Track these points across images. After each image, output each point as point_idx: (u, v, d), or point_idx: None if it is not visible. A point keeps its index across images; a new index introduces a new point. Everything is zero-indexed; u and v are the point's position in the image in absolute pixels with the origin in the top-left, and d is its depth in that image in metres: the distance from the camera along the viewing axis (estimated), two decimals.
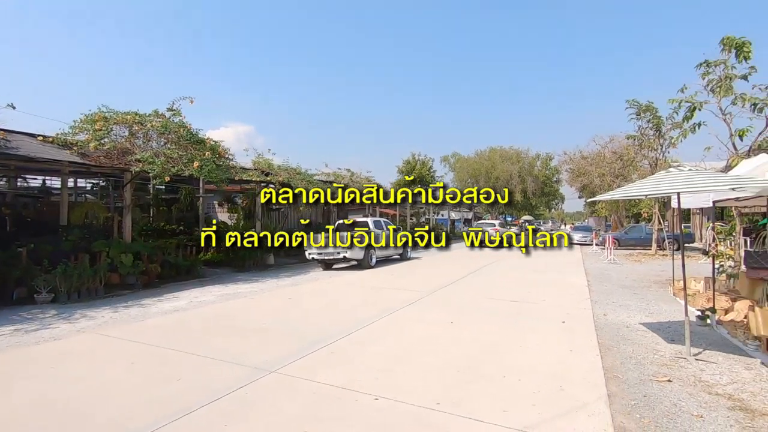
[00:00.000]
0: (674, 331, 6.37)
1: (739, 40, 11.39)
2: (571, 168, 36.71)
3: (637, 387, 4.27)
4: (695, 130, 12.67)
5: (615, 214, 37.94)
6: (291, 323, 6.98)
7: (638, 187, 5.57)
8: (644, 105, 19.79)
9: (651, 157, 21.54)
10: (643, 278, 12.44)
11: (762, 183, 4.69)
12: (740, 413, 3.69)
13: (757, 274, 5.02)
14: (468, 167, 53.35)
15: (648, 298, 9.17)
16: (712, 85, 12.11)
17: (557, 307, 8.10)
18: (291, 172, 15.61)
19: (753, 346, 5.60)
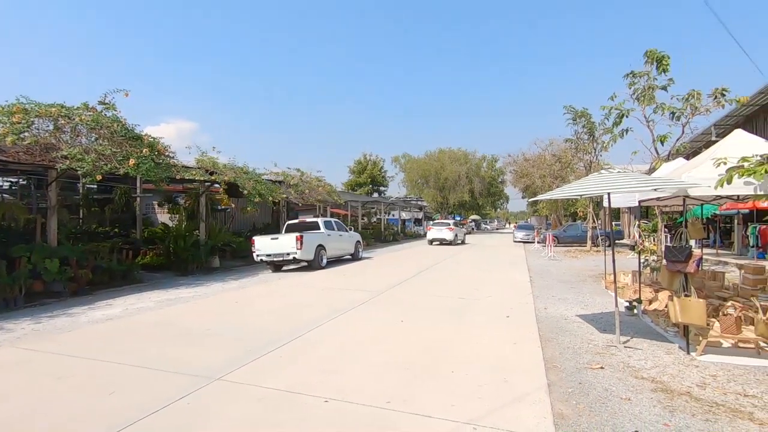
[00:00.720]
0: (606, 321, 6.86)
1: (659, 54, 12.50)
2: (515, 169, 38.53)
3: (574, 375, 4.55)
4: (623, 135, 13.73)
5: (555, 214, 40.26)
6: (237, 327, 6.72)
7: (574, 187, 5.94)
8: (579, 111, 21.15)
9: (586, 160, 23.07)
10: (579, 273, 13.29)
11: (679, 184, 5.17)
12: (662, 394, 4.04)
13: (675, 267, 5.53)
14: (418, 168, 54.37)
15: (584, 292, 9.81)
16: (637, 94, 13.18)
17: (502, 303, 8.45)
18: (237, 171, 15.03)
19: (672, 332, 6.17)
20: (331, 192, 20.78)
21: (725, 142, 5.91)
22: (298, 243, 13.43)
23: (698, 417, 3.58)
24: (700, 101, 12.09)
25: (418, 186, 55.69)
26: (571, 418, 3.56)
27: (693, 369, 4.74)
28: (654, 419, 3.54)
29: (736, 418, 3.56)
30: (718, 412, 3.67)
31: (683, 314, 5.18)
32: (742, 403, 3.86)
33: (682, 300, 5.24)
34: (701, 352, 5.18)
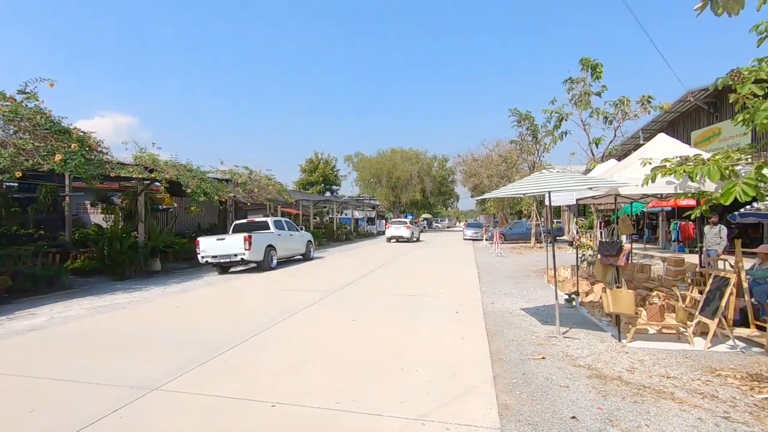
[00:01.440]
0: (548, 313, 7.22)
1: (593, 62, 13.38)
2: (464, 169, 39.72)
3: (518, 366, 4.74)
4: (563, 138, 14.58)
5: (501, 212, 41.96)
6: (179, 334, 6.36)
7: (517, 186, 6.19)
8: (524, 114, 22.19)
9: (530, 161, 24.23)
10: (524, 268, 13.91)
11: (611, 183, 5.55)
12: (596, 380, 4.31)
13: (608, 261, 5.94)
14: (371, 167, 54.50)
15: (527, 286, 10.28)
16: (575, 99, 14.03)
17: (452, 299, 8.65)
18: (180, 168, 14.27)
19: (606, 322, 6.61)
20: (281, 191, 20.28)
21: (650, 144, 6.41)
22: (247, 243, 12.98)
23: (628, 399, 3.84)
24: (629, 107, 13.09)
25: (371, 185, 55.83)
26: (515, 408, 3.70)
27: (623, 355, 5.10)
28: (589, 404, 3.76)
29: (660, 399, 3.87)
30: (644, 394, 3.96)
31: (615, 305, 5.56)
32: (665, 385, 4.20)
33: (614, 291, 5.62)
34: (630, 339, 5.58)
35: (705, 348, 5.31)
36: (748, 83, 4.65)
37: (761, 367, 4.67)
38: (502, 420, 3.47)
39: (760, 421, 3.47)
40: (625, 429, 3.32)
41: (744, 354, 5.14)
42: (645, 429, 3.32)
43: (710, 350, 5.26)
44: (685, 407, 3.71)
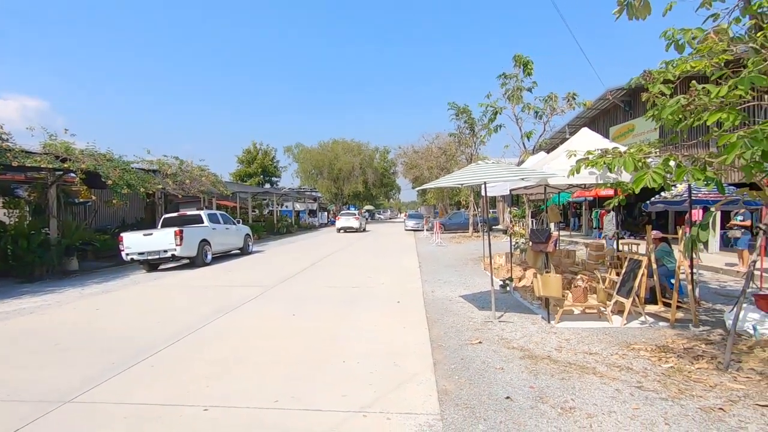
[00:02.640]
0: (484, 299, 7.52)
1: (525, 59, 14.03)
2: (406, 161, 40.24)
3: (457, 352, 4.88)
4: (498, 131, 15.20)
5: (441, 203, 43.16)
6: (99, 339, 5.81)
7: (455, 177, 6.33)
8: (461, 108, 22.85)
9: (467, 153, 25.05)
10: (462, 257, 14.42)
11: (541, 174, 5.86)
12: (528, 361, 4.55)
13: (538, 248, 6.30)
14: (312, 158, 53.50)
15: (466, 274, 10.66)
16: (508, 94, 14.65)
17: (394, 289, 8.74)
18: (99, 158, 12.99)
19: (537, 305, 7.02)
20: (216, 182, 19.23)
21: (575, 138, 6.84)
22: (178, 238, 12.17)
23: (556, 377, 4.10)
24: (556, 103, 13.91)
25: (312, 177, 54.87)
26: (454, 393, 3.79)
27: (552, 335, 5.44)
28: (522, 383, 3.96)
29: (584, 374, 4.17)
30: (570, 371, 4.25)
31: (544, 288, 5.91)
32: (588, 361, 4.53)
33: (543, 276, 5.96)
34: (558, 320, 5.97)
35: (621, 325, 5.81)
36: (657, 83, 5.09)
37: (667, 339, 5.19)
38: (441, 405, 3.54)
39: (667, 387, 3.85)
40: (554, 404, 3.53)
41: (653, 328, 5.70)
42: (571, 403, 3.56)
43: (626, 326, 5.77)
44: (606, 380, 4.02)
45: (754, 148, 3.60)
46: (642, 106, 16.55)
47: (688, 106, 4.36)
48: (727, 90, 4.03)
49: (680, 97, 4.37)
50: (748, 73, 3.97)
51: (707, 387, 3.85)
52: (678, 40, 5.04)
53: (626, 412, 3.40)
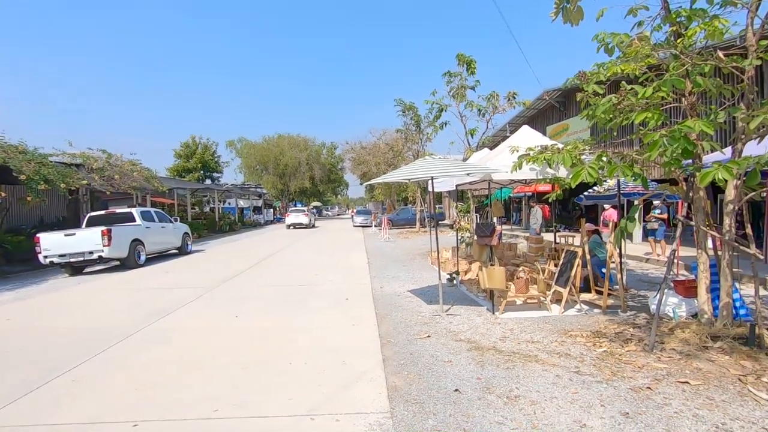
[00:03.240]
0: (432, 293, 7.61)
1: (468, 58, 14.39)
2: (353, 157, 40.03)
3: (406, 347, 4.87)
4: (443, 127, 15.51)
5: (389, 199, 43.50)
6: (10, 352, 5.17)
7: (402, 172, 6.33)
8: (408, 104, 23.08)
9: (414, 149, 25.37)
10: (410, 252, 14.57)
11: (485, 170, 6.00)
12: (475, 352, 4.64)
13: (483, 241, 6.48)
14: (256, 153, 51.65)
15: (413, 269, 10.77)
16: (453, 92, 14.97)
17: (342, 286, 8.61)
18: (9, 150, 11.63)
19: (482, 297, 7.22)
20: (150, 178, 17.94)
21: (517, 135, 7.09)
22: (105, 238, 11.19)
23: (501, 367, 4.21)
24: (498, 101, 14.42)
25: (257, 172, 53.04)
26: (404, 388, 3.77)
27: (497, 326, 5.60)
28: (470, 375, 4.02)
29: (527, 362, 4.32)
30: (515, 360, 4.38)
31: (489, 281, 6.08)
32: (530, 349, 4.71)
33: (488, 269, 6.13)
34: (502, 311, 6.17)
35: (560, 313, 6.12)
36: (591, 83, 5.37)
37: (600, 325, 5.53)
38: (391, 403, 3.50)
39: (601, 370, 4.08)
40: (500, 394, 3.61)
41: (588, 315, 6.05)
42: (516, 391, 3.66)
43: (564, 315, 6.08)
44: (547, 367, 4.19)
45: (673, 145, 3.88)
46: (575, 107, 17.63)
47: (619, 105, 4.63)
48: (652, 91, 4.32)
49: (611, 96, 4.63)
50: (670, 77, 4.28)
51: (636, 368, 4.13)
52: (608, 43, 5.34)
53: (566, 396, 3.55)
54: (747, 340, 4.43)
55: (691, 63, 4.44)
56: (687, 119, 3.97)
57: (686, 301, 5.55)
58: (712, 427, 3.06)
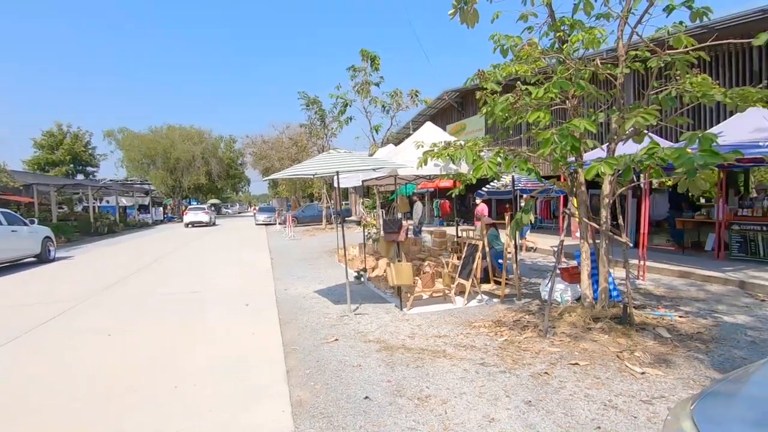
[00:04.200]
0: (339, 293, 7.37)
1: (372, 54, 14.37)
2: (255, 151, 38.01)
3: (312, 354, 4.55)
4: (348, 123, 15.34)
5: (294, 195, 42.18)
6: None
7: (307, 165, 5.95)
8: (312, 98, 22.45)
9: (319, 145, 24.82)
10: (316, 250, 14.15)
11: (392, 165, 5.91)
12: (385, 353, 4.50)
13: (390, 237, 6.42)
14: (141, 145, 46.20)
15: (320, 267, 10.41)
16: (357, 87, 14.86)
17: (241, 290, 7.93)
18: None
19: (390, 294, 7.17)
20: None
21: (421, 131, 7.16)
22: None
23: (411, 366, 4.12)
24: (401, 99, 14.67)
25: (143, 167, 47.55)
26: (310, 402, 3.46)
27: (405, 323, 5.56)
28: (380, 379, 3.85)
29: (436, 358, 4.30)
30: (424, 357, 4.34)
31: (397, 277, 6.02)
32: (438, 344, 4.72)
33: (396, 265, 6.06)
34: (410, 307, 6.16)
35: (464, 305, 6.31)
36: (490, 82, 5.57)
37: (500, 314, 5.81)
38: (296, 420, 3.17)
39: (504, 360, 4.22)
40: (411, 396, 3.50)
41: (488, 305, 6.33)
42: (427, 391, 3.58)
43: (467, 306, 6.28)
44: (455, 361, 4.21)
45: (562, 142, 4.14)
46: (472, 107, 18.76)
47: (515, 104, 4.84)
48: (543, 92, 4.57)
49: (509, 95, 4.82)
50: (558, 80, 4.57)
51: (534, 354, 4.35)
52: (503, 45, 5.59)
53: (474, 390, 3.57)
54: (621, 319, 4.97)
55: (575, 68, 4.80)
56: (572, 119, 4.26)
57: (571, 286, 6.08)
58: (601, 405, 3.29)
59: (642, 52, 4.60)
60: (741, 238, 8.35)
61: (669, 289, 6.97)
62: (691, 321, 5.23)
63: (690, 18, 4.44)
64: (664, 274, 7.92)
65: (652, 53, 4.37)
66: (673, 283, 7.38)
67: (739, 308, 5.80)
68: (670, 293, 6.67)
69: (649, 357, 4.16)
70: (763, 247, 8.03)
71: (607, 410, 3.21)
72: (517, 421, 3.09)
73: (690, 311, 5.67)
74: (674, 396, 3.40)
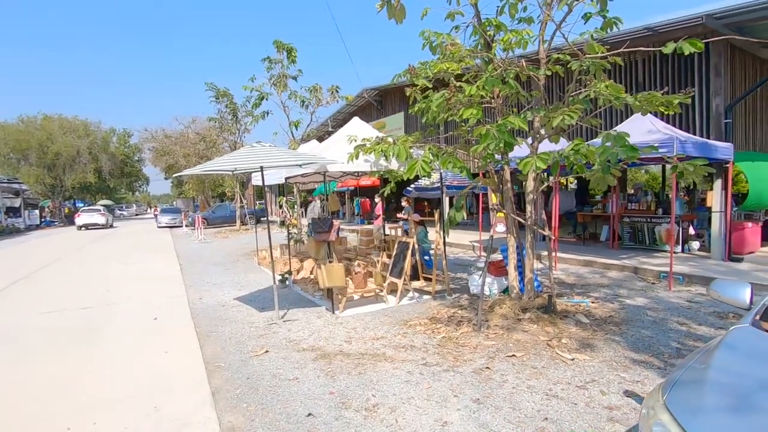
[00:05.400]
0: (264, 298, 6.84)
1: (288, 45, 13.72)
2: (155, 147, 34.50)
3: (241, 370, 4.07)
4: (264, 117, 14.48)
5: (202, 195, 39.09)
6: None
7: (227, 160, 5.37)
8: (222, 90, 20.90)
9: (230, 141, 23.24)
10: (232, 253, 13.14)
11: (321, 160, 5.58)
12: (322, 362, 4.19)
13: (321, 237, 6.08)
14: (9, 138, 39.13)
15: (238, 272, 9.63)
16: (274, 80, 14.08)
17: (148, 303, 6.98)
18: None
19: (319, 296, 6.83)
20: None
21: (350, 126, 6.93)
22: None
23: (353, 374, 3.87)
24: (321, 94, 14.23)
25: (11, 163, 40.42)
26: (244, 428, 3.04)
27: (340, 327, 5.28)
28: (321, 391, 3.55)
29: (377, 363, 4.10)
30: (365, 362, 4.12)
31: (329, 279, 5.71)
32: (377, 347, 4.53)
33: (327, 267, 5.75)
34: (343, 309, 5.90)
35: (396, 304, 6.22)
36: (420, 77, 5.52)
37: (433, 311, 5.81)
38: None
39: (445, 357, 4.18)
40: (358, 407, 3.26)
41: (420, 303, 6.32)
42: (373, 400, 3.37)
43: (400, 305, 6.20)
44: (397, 364, 4.06)
45: (499, 139, 4.20)
46: (392, 106, 18.95)
47: (450, 101, 4.82)
48: (476, 89, 4.62)
49: (444, 91, 4.79)
50: (488, 78, 4.64)
51: (472, 349, 4.38)
52: (432, 42, 5.58)
53: (421, 394, 3.45)
54: (546, 309, 5.24)
55: (503, 68, 4.93)
56: (507, 117, 4.34)
57: (497, 279, 6.32)
58: (544, 396, 3.36)
59: (564, 56, 4.88)
60: (630, 229, 9.47)
61: (578, 277, 7.61)
62: (602, 306, 5.71)
63: (601, 26, 4.80)
64: (571, 264, 8.66)
65: (573, 57, 4.64)
66: (579, 271, 8.09)
67: (636, 291, 6.50)
68: (579, 281, 7.28)
69: (575, 343, 4.41)
70: (648, 237, 9.18)
71: (549, 400, 3.29)
72: (469, 421, 3.02)
73: (599, 297, 6.21)
74: (603, 379, 3.61)
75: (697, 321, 5.04)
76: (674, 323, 4.98)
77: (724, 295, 2.35)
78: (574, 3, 4.81)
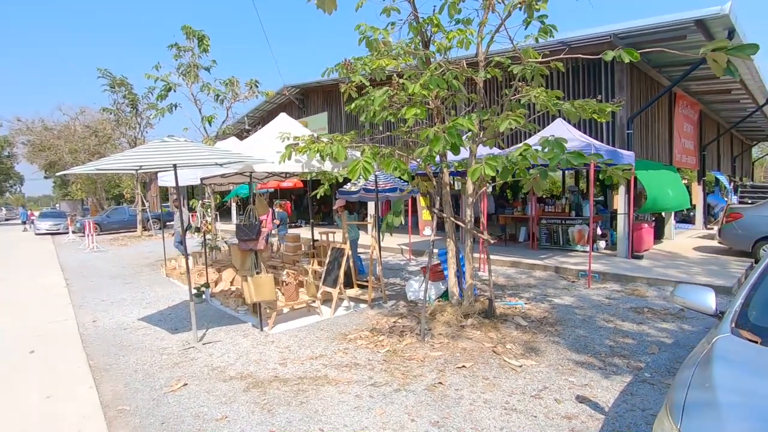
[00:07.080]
0: (176, 317, 5.95)
1: (199, 33, 12.48)
2: (32, 140, 29.62)
3: (152, 412, 3.34)
4: (172, 110, 12.98)
5: (93, 197, 34.41)
6: None
7: (130, 155, 4.49)
8: (118, 79, 18.49)
9: (130, 136, 20.70)
10: (133, 263, 11.53)
11: (248, 159, 4.94)
12: (255, 392, 3.62)
13: (247, 246, 5.39)
14: None
15: (142, 286, 8.38)
16: (183, 69, 12.70)
17: (21, 331, 5.66)
18: None
19: (243, 311, 6.12)
20: None
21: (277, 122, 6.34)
22: None
23: (293, 404, 3.38)
24: (239, 88, 13.17)
25: None
26: None
27: (271, 347, 4.70)
28: (259, 430, 3.01)
29: (320, 387, 3.65)
30: (305, 389, 3.63)
31: (257, 292, 5.08)
32: (317, 368, 4.07)
33: (255, 279, 5.12)
34: (272, 326, 5.31)
35: (332, 315, 5.78)
36: (357, 74, 5.17)
37: (372, 321, 5.48)
38: None
39: (393, 375, 3.86)
40: None
41: (357, 312, 5.95)
42: None
43: (336, 316, 5.77)
44: (342, 387, 3.64)
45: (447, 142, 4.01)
46: (314, 105, 18.28)
47: (393, 99, 4.54)
48: (419, 88, 4.39)
49: (387, 89, 4.48)
50: (431, 76, 4.45)
51: (419, 362, 4.12)
52: (368, 36, 5.27)
53: (376, 422, 3.09)
54: (486, 313, 5.20)
55: (445, 68, 4.78)
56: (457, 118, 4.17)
57: (434, 284, 6.18)
58: (502, 410, 3.21)
59: (505, 60, 4.87)
60: (547, 231, 10.08)
61: (507, 278, 7.83)
62: (535, 306, 5.86)
63: (538, 32, 4.87)
64: (498, 265, 8.93)
65: (514, 61, 4.64)
66: (507, 272, 8.35)
67: (561, 290, 6.82)
68: (509, 282, 7.48)
69: (519, 348, 4.39)
70: (562, 238, 9.85)
71: (509, 414, 3.14)
72: None
73: (530, 297, 6.39)
74: (554, 385, 3.57)
75: (620, 317, 5.37)
76: (602, 321, 5.24)
77: (688, 300, 2.34)
78: (512, 7, 4.82)
